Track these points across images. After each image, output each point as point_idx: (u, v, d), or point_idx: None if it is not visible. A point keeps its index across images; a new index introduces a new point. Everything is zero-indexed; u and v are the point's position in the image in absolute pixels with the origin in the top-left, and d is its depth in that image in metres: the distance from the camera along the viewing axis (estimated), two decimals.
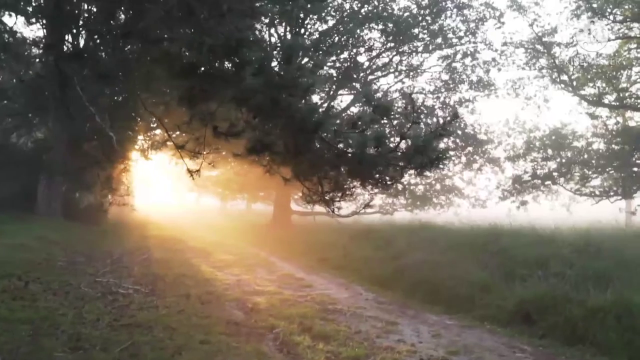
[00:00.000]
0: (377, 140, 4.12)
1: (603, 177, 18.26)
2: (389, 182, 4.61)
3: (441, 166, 4.19)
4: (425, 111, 20.19)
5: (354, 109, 17.79)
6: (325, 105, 19.17)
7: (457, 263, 7.34)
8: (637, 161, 17.00)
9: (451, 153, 20.39)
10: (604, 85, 18.43)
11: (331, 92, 19.25)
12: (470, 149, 19.97)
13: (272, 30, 18.05)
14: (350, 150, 4.24)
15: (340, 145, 4.69)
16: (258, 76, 4.30)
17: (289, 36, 17.90)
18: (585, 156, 18.04)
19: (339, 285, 7.78)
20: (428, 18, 17.98)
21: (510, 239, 8.16)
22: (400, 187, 20.86)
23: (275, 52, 11.18)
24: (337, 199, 5.16)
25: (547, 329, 5.02)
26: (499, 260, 7.24)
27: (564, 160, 18.11)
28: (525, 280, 6.46)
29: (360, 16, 17.14)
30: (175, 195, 51.56)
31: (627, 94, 18.00)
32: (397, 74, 19.79)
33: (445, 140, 20.03)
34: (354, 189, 5.02)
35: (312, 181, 5.17)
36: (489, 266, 7.06)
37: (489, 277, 6.60)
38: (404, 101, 20.11)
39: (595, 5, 16.75)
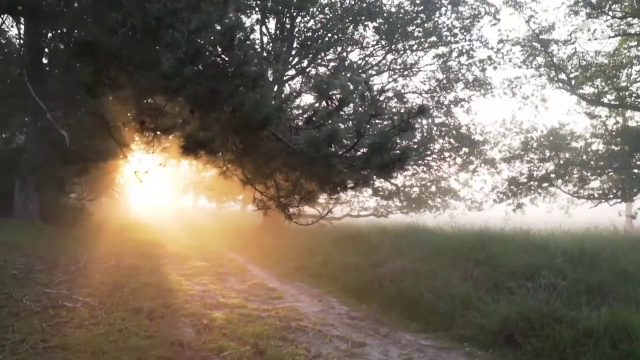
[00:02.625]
0: (330, 137, 3.51)
1: (602, 179, 17.61)
2: (349, 185, 4.01)
3: (405, 167, 3.58)
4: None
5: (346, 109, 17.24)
6: (317, 104, 18.69)
7: (438, 273, 6.72)
8: (638, 162, 16.34)
9: (446, 154, 19.87)
10: (603, 84, 17.81)
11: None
12: (465, 149, 19.36)
13: (264, 29, 17.54)
14: (302, 148, 3.63)
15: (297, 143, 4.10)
16: (193, 63, 3.72)
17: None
18: (584, 157, 17.38)
19: (312, 296, 7.17)
20: (422, 15, 17.40)
21: (499, 246, 7.53)
22: (394, 189, 20.35)
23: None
24: (295, 204, 4.56)
25: (533, 354, 4.40)
26: (484, 270, 6.61)
27: (561, 162, 17.46)
28: (512, 293, 5.86)
29: (352, 13, 16.56)
30: (171, 196, 50.95)
31: (627, 93, 17.37)
32: (391, 72, 19.21)
33: (441, 141, 19.61)
34: (313, 193, 4.40)
35: (266, 184, 4.58)
36: (473, 277, 6.44)
37: (472, 289, 5.98)
38: (395, 100, 19.68)
39: (594, 1, 16.13)
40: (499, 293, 5.89)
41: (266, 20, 17.43)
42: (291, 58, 17.87)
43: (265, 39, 17.47)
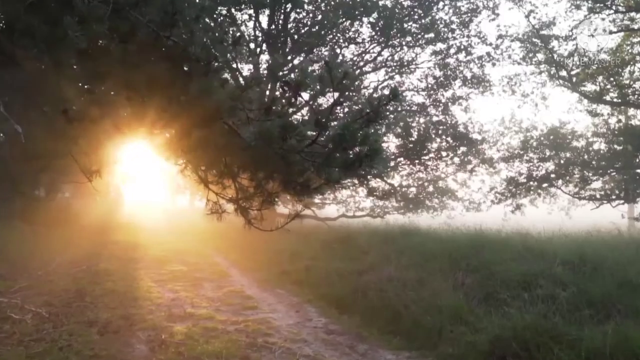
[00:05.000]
0: (284, 128, 2.95)
1: (604, 179, 17.02)
2: (313, 186, 3.44)
3: (375, 165, 3.02)
4: (417, 109, 19.18)
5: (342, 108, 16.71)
6: (310, 103, 18.07)
7: (427, 281, 6.16)
8: None
9: (443, 153, 19.29)
10: (605, 81, 17.23)
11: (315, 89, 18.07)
12: (463, 149, 18.78)
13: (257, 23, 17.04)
14: (251, 142, 3.07)
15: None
16: (126, 42, 3.17)
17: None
18: (585, 157, 16.80)
19: (290, 306, 6.60)
20: (420, 11, 16.87)
21: (494, 252, 6.96)
22: (391, 189, 19.80)
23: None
24: (256, 207, 4.01)
25: None
26: (477, 279, 6.06)
27: (562, 161, 16.88)
28: (506, 305, 5.30)
29: (347, 8, 16.03)
30: (168, 196, 50.35)
31: (629, 91, 16.78)
32: (387, 69, 18.67)
33: (438, 140, 19.03)
34: (275, 195, 3.85)
35: (223, 184, 4.02)
36: (464, 286, 5.88)
37: (462, 301, 5.42)
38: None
39: None
40: (492, 305, 5.32)
41: (259, 16, 16.93)
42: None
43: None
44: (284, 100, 3.31)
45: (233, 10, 16.03)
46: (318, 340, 5.04)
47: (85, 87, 3.55)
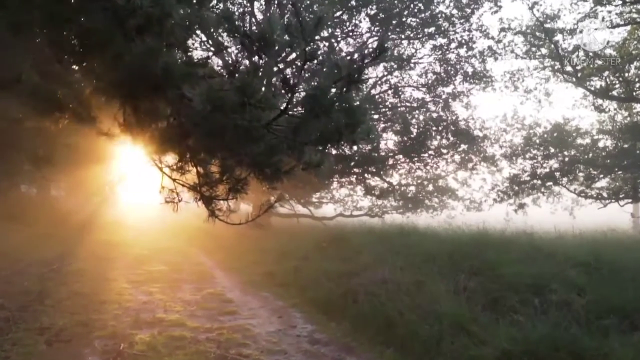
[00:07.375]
0: (242, 90, 2.32)
1: (611, 177, 16.39)
2: (284, 169, 2.82)
3: (360, 138, 2.39)
4: (417, 105, 18.60)
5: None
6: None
7: (425, 284, 5.52)
8: None
9: (444, 151, 18.66)
10: (611, 76, 16.61)
11: (312, 84, 17.52)
12: (464, 146, 18.14)
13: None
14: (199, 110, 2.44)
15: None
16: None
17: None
18: (591, 154, 16.18)
19: (274, 311, 5.96)
20: (420, 4, 16.28)
21: (499, 252, 6.34)
22: (389, 187, 19.20)
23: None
24: (220, 197, 3.38)
25: None
26: (481, 282, 5.43)
27: (566, 159, 16.25)
28: (515, 312, 4.68)
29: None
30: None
31: (637, 86, 16.16)
32: (386, 65, 18.07)
33: (438, 137, 18.40)
34: (244, 181, 3.22)
35: (184, 168, 3.40)
36: (467, 290, 5.25)
37: (464, 307, 4.79)
38: (391, 92, 18.48)
39: None
40: (498, 312, 4.70)
41: (254, 9, 16.36)
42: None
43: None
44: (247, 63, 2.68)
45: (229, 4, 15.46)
46: (300, 352, 4.40)
47: None
